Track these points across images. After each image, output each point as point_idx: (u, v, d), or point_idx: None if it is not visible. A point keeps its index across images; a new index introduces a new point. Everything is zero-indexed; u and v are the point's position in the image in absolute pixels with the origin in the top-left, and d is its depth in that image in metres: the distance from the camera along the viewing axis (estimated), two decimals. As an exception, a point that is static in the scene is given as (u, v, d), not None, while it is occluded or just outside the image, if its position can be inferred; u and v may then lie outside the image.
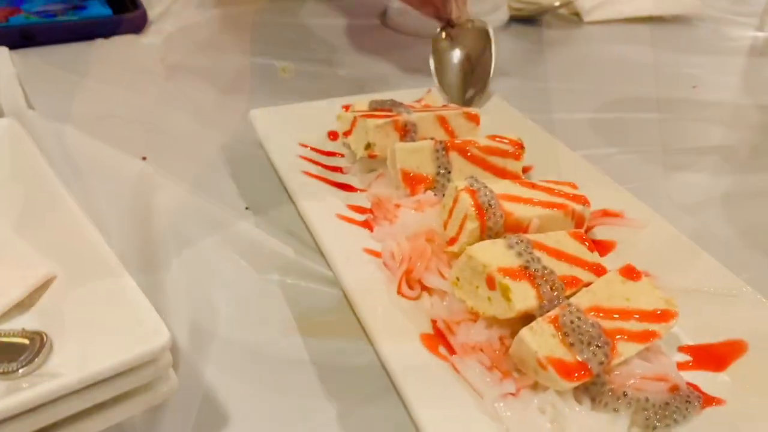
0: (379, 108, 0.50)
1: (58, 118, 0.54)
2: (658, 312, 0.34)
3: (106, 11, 0.74)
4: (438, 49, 0.61)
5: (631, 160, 0.55)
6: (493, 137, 0.48)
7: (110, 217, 0.43)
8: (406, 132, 0.47)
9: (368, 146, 0.47)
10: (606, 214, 0.44)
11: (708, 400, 0.33)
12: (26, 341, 0.31)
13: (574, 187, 0.43)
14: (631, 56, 0.77)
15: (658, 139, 0.59)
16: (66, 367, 0.30)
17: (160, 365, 0.29)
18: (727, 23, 0.88)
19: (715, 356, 0.35)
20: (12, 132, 0.43)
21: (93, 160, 0.49)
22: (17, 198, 0.39)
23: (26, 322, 0.33)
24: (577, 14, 0.86)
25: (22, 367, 0.30)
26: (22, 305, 0.34)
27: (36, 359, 0.30)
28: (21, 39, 0.68)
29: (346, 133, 0.50)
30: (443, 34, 0.61)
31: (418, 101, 0.57)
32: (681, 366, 0.35)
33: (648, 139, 0.59)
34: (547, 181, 0.43)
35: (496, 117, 0.55)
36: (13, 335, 0.32)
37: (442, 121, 0.49)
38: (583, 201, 0.42)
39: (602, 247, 0.42)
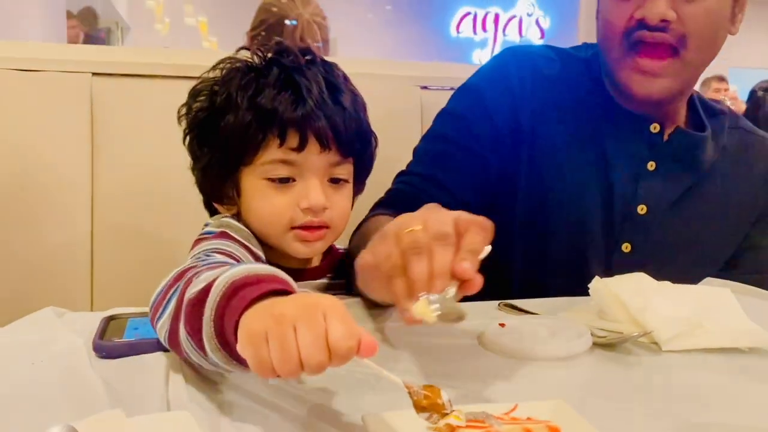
0: (472, 419, 0.60)
1: (210, 410, 0.67)
2: None
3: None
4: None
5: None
6: (572, 453, 0.56)
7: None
8: (495, 443, 0.56)
9: (462, 454, 0.56)
10: None
11: None
12: None
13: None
14: (707, 383, 0.83)
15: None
16: None
17: None
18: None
19: None
20: (185, 421, 0.57)
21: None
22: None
23: None
24: (655, 343, 0.95)
25: None
26: None
27: None
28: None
29: (443, 444, 0.59)
30: None
31: (507, 413, 0.66)
32: None
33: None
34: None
35: (575, 432, 0.63)
36: None
37: (528, 434, 0.58)
38: None
39: None
